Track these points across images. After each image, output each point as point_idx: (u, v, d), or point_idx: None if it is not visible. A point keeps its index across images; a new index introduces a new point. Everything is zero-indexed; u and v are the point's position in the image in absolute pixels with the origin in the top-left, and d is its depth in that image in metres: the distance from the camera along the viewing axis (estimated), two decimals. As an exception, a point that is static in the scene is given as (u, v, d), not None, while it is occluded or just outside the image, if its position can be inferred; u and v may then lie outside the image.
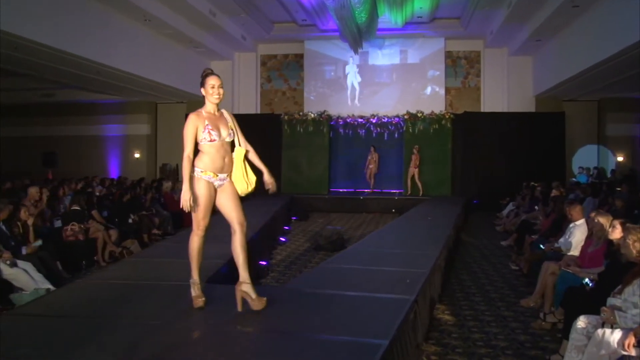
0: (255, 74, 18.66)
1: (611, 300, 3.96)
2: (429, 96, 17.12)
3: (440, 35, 16.71)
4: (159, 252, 6.59)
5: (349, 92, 17.93)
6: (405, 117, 16.47)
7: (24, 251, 6.35)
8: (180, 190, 10.47)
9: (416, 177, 15.80)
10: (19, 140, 18.75)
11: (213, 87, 4.13)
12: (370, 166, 16.33)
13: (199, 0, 13.49)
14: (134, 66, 13.43)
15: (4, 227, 6.35)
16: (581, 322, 3.90)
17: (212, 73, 4.20)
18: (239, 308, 4.02)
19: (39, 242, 6.71)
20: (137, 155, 19.18)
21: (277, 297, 4.41)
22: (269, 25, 16.98)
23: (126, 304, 4.30)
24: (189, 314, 4.00)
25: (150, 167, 19.00)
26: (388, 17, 14.95)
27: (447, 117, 16.20)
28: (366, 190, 16.48)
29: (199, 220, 4.10)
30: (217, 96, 4.13)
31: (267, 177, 4.29)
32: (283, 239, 10.48)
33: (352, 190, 16.95)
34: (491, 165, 15.89)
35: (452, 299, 6.35)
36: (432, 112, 16.30)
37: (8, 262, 5.82)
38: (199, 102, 14.40)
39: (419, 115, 16.28)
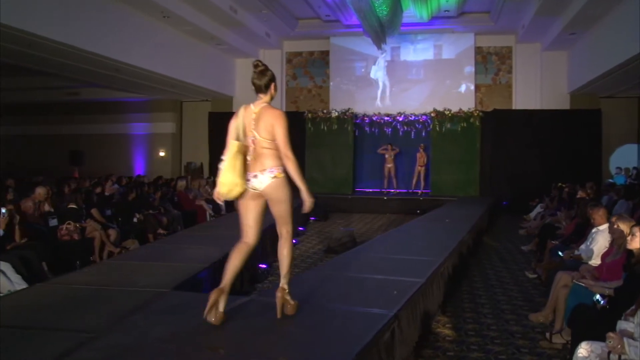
0: (281, 71, 18.27)
1: (621, 324, 3.37)
2: (458, 94, 16.41)
3: (470, 30, 16.00)
4: (144, 254, 6.26)
5: (376, 89, 17.38)
6: (432, 115, 15.86)
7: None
8: (195, 189, 10.16)
9: (421, 176, 15.58)
10: (47, 139, 18.90)
11: None
12: (388, 165, 15.84)
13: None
14: (153, 63, 13.22)
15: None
16: (583, 349, 3.31)
17: None
18: (278, 315, 3.72)
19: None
20: (162, 154, 19.08)
21: (243, 308, 4.01)
22: (293, 22, 16.61)
23: (73, 312, 3.95)
24: (136, 324, 3.62)
25: (175, 166, 18.88)
26: (413, 11, 14.35)
27: (475, 115, 15.51)
28: (392, 191, 15.97)
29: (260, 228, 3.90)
30: None
31: None
32: (294, 241, 10.04)
33: (378, 190, 16.44)
34: (522, 165, 15.18)
35: (457, 310, 5.81)
36: (460, 109, 15.64)
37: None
38: (223, 100, 14.06)
39: (446, 113, 15.66)
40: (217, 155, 14.08)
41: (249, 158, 3.71)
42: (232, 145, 3.69)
